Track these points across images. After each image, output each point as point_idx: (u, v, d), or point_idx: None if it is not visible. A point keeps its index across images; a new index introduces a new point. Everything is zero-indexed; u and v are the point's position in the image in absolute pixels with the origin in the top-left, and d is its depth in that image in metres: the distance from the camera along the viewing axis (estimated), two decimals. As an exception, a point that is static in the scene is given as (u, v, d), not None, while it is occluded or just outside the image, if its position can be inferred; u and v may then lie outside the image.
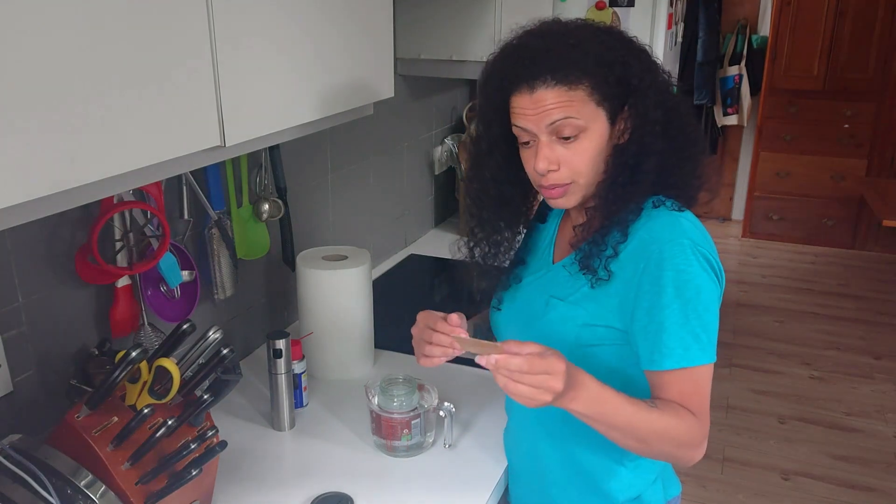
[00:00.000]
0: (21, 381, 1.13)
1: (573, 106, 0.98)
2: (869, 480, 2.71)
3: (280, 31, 1.01)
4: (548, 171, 1.01)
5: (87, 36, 0.72)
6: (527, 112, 0.99)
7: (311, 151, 1.77)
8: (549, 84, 0.97)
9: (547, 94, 0.98)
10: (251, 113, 0.97)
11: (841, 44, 4.49)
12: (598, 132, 1.00)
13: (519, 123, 1.02)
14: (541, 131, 1.00)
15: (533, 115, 0.99)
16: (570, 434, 1.10)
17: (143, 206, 1.22)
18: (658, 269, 0.97)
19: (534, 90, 0.98)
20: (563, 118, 0.98)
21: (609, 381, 0.93)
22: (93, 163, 0.75)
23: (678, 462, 1.00)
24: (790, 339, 3.74)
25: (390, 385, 1.26)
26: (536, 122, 0.99)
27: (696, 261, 0.97)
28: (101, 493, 0.90)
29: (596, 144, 1.00)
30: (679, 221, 1.00)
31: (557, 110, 0.98)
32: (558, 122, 0.98)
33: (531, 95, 0.99)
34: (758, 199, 4.97)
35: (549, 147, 1.00)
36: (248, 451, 1.29)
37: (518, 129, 1.03)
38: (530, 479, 1.20)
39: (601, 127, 1.00)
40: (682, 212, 1.02)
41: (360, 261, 1.52)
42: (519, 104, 1.00)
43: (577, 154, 1.00)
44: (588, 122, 0.99)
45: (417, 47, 2.02)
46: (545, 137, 1.00)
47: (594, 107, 0.99)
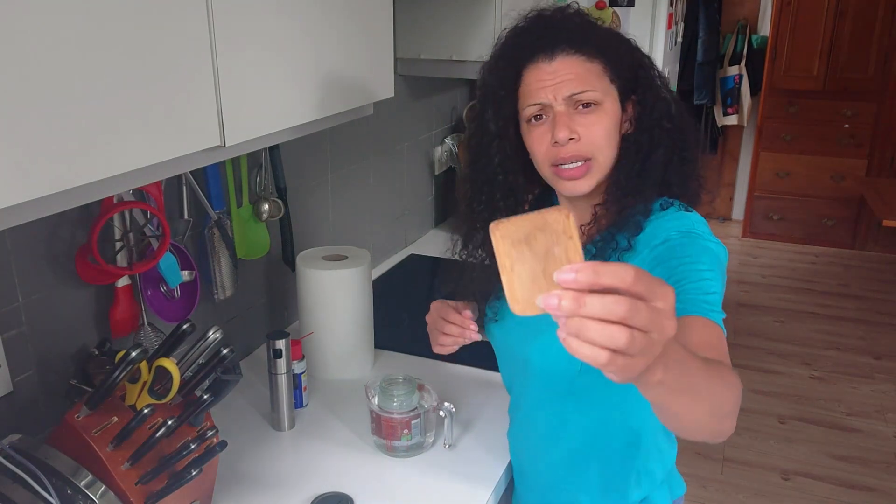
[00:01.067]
0: (21, 381, 1.13)
1: (590, 79, 0.99)
2: (869, 480, 2.71)
3: (280, 31, 1.01)
4: (568, 139, 0.99)
5: (88, 36, 0.72)
6: (545, 83, 0.99)
7: (311, 151, 1.76)
8: (568, 52, 0.99)
9: (566, 63, 0.98)
10: (251, 113, 0.97)
11: (841, 44, 4.49)
12: (611, 109, 1.01)
13: (535, 100, 1.01)
14: (558, 103, 0.99)
15: (552, 84, 0.99)
16: (579, 435, 1.10)
17: (143, 206, 1.22)
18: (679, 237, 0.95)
19: (553, 58, 0.99)
20: (582, 90, 0.98)
21: (626, 393, 0.91)
22: (93, 163, 0.75)
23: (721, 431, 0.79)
24: (790, 339, 3.74)
25: (390, 385, 1.26)
26: (556, 91, 0.99)
27: (709, 236, 0.97)
28: (101, 493, 0.90)
29: (611, 119, 1.01)
30: (689, 217, 1.00)
31: (577, 81, 0.98)
32: (577, 94, 0.98)
33: (550, 64, 0.99)
34: (758, 199, 4.97)
35: (567, 116, 0.99)
36: (248, 451, 1.29)
37: (533, 106, 1.01)
38: (537, 480, 1.19)
39: (613, 105, 1.01)
40: (690, 212, 1.02)
41: (360, 261, 1.52)
42: (535, 76, 1.00)
43: (594, 125, 1.00)
44: (603, 97, 1.00)
45: (417, 47, 2.02)
46: (563, 107, 0.99)
47: (608, 83, 1.01)
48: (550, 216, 0.53)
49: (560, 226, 0.54)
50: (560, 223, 0.54)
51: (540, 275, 0.54)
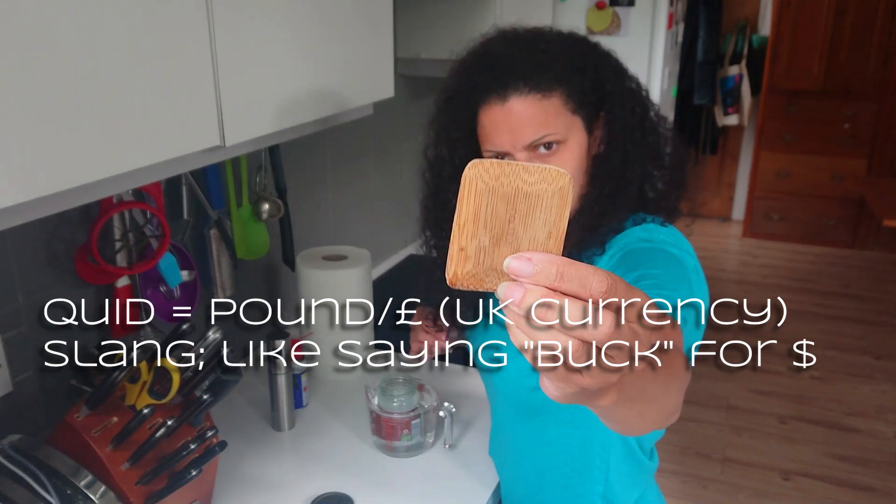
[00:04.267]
0: (21, 381, 1.13)
1: (549, 120, 0.91)
2: (869, 480, 2.71)
3: (280, 30, 1.01)
4: None
5: (88, 36, 0.72)
6: (500, 127, 0.92)
7: (311, 151, 1.76)
8: (522, 92, 0.91)
9: (521, 105, 0.91)
10: (251, 113, 0.97)
11: (841, 44, 4.49)
12: (576, 143, 0.94)
13: (492, 146, 0.94)
14: (518, 150, 0.93)
15: (507, 130, 0.92)
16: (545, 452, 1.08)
17: (143, 206, 1.22)
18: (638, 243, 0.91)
19: (506, 100, 0.91)
20: (541, 136, 0.91)
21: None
22: (93, 163, 0.75)
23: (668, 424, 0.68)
24: (790, 339, 3.74)
25: (390, 385, 1.26)
26: (512, 140, 0.92)
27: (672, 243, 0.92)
28: (101, 494, 0.90)
29: (576, 155, 0.94)
30: (656, 229, 0.95)
31: (534, 127, 0.91)
32: (537, 140, 0.92)
33: (503, 106, 0.91)
34: (758, 199, 4.97)
35: (529, 162, 0.95)
36: (248, 451, 1.29)
37: (490, 153, 0.95)
38: (515, 495, 1.18)
39: (579, 137, 0.94)
40: (665, 227, 0.96)
41: (360, 261, 1.52)
42: (490, 119, 0.93)
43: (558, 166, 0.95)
44: (566, 134, 0.93)
45: (417, 47, 2.02)
46: (522, 154, 0.93)
47: (570, 116, 0.93)
48: (549, 174, 0.43)
49: (554, 188, 0.43)
50: (556, 183, 0.43)
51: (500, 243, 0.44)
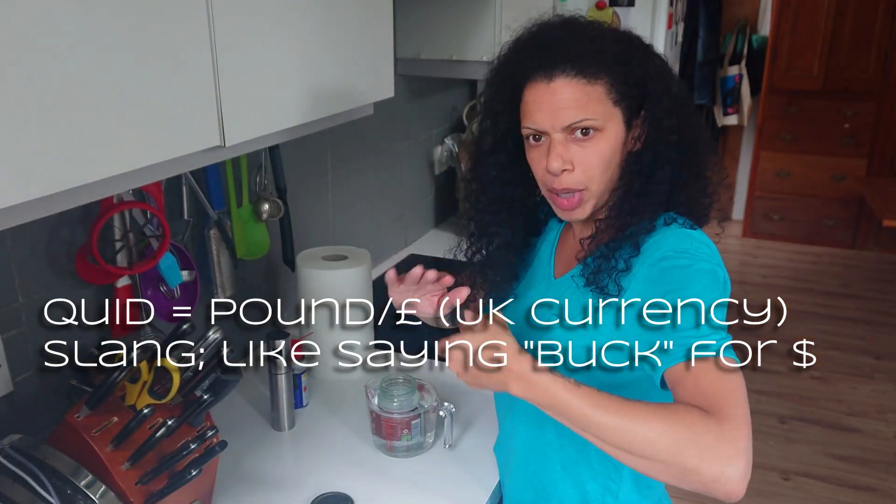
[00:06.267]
0: (21, 381, 1.13)
1: (590, 105, 0.93)
2: (869, 480, 2.71)
3: (280, 30, 1.01)
4: (562, 170, 0.95)
5: (87, 36, 0.72)
6: (542, 106, 0.94)
7: (311, 151, 1.76)
8: (568, 74, 0.93)
9: (565, 87, 0.93)
10: (251, 113, 0.97)
11: (841, 44, 4.49)
12: (613, 134, 0.95)
13: (532, 123, 0.96)
14: (555, 130, 0.95)
15: (549, 109, 0.94)
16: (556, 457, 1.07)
17: (143, 206, 1.22)
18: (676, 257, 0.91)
19: (552, 80, 0.93)
20: (580, 119, 0.93)
21: None
22: (93, 163, 0.75)
23: (701, 480, 0.75)
24: (790, 339, 3.74)
25: (390, 385, 1.26)
26: (552, 120, 0.94)
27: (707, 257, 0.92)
28: (101, 494, 0.90)
29: (611, 146, 0.95)
30: (691, 236, 0.95)
31: (575, 109, 0.93)
32: (575, 123, 0.93)
33: (548, 85, 0.93)
34: (758, 198, 4.97)
35: (563, 145, 0.95)
36: (248, 451, 1.29)
37: (529, 129, 0.97)
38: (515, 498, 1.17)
39: (617, 129, 0.95)
40: (694, 229, 0.97)
41: (360, 261, 1.52)
42: (534, 97, 0.95)
43: (591, 154, 0.95)
44: (604, 123, 0.94)
45: (417, 47, 2.02)
46: (559, 135, 0.95)
47: (611, 106, 0.94)
48: None
49: None
50: None
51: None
